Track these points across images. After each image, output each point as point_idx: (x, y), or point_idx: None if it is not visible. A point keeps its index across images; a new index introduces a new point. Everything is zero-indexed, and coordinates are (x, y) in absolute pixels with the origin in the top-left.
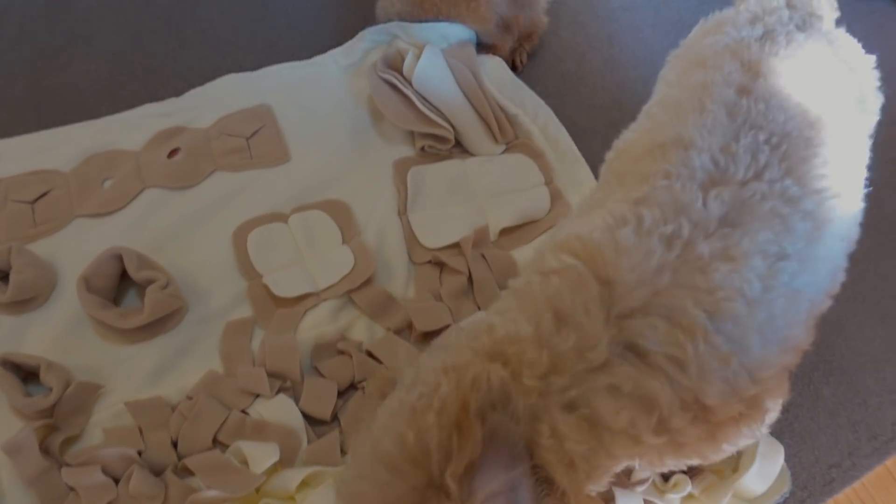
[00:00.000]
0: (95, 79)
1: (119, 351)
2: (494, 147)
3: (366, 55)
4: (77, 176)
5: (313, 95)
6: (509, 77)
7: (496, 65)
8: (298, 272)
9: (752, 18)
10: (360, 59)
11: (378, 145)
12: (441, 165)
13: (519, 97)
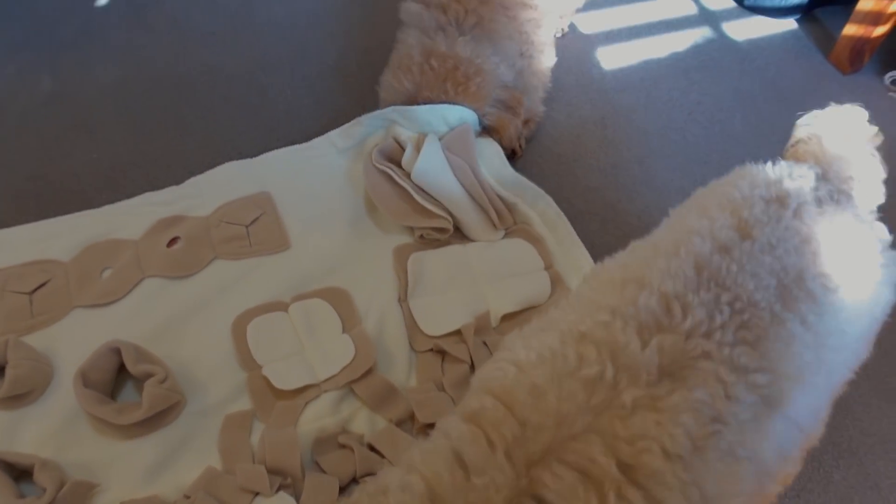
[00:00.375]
0: (97, 167)
1: (116, 447)
2: (494, 234)
3: (364, 140)
4: (76, 266)
5: (312, 182)
6: (508, 170)
7: (494, 155)
8: (298, 363)
9: (774, 179)
10: (358, 144)
11: (377, 231)
12: (441, 251)
13: (518, 187)
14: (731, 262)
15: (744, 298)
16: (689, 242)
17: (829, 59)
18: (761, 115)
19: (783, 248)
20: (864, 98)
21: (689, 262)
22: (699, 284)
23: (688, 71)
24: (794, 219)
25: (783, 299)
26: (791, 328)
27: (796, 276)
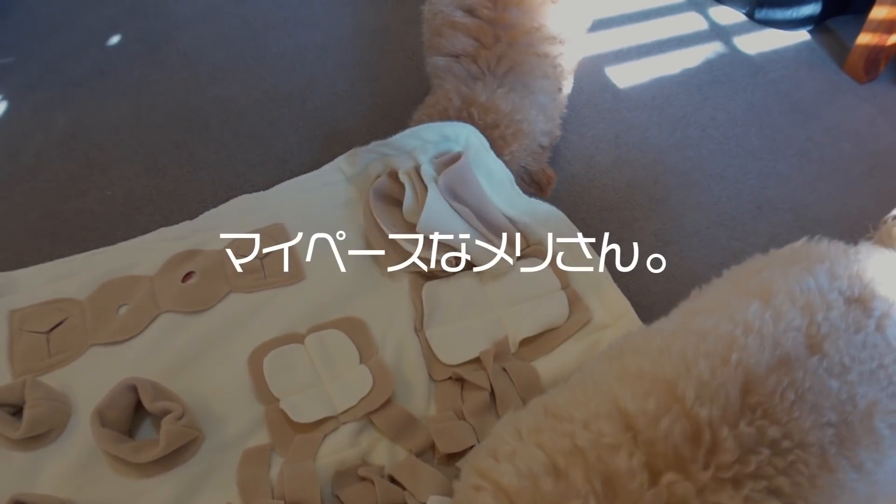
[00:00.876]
0: (111, 204)
1: (134, 485)
2: (507, 266)
3: (367, 166)
4: (92, 303)
5: (325, 211)
6: (519, 196)
7: (505, 180)
8: (316, 395)
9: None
10: (363, 170)
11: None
12: (455, 279)
13: (529, 207)
14: (789, 387)
15: (794, 437)
16: (743, 346)
17: (844, 70)
18: (777, 128)
19: (857, 373)
20: (881, 107)
21: (738, 379)
22: (742, 412)
23: (701, 87)
24: (876, 332)
25: (842, 440)
26: (843, 477)
27: (865, 413)
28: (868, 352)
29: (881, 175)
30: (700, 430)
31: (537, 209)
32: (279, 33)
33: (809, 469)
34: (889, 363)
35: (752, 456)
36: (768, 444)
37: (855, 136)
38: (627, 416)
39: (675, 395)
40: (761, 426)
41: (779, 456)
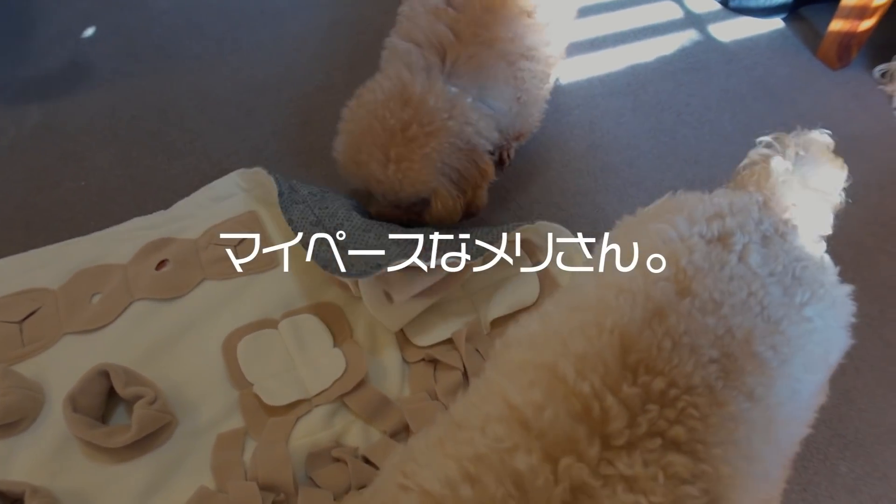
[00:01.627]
0: (85, 195)
1: (107, 471)
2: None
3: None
4: (65, 293)
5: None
6: None
7: None
8: (289, 379)
9: (715, 213)
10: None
11: None
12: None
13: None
14: (665, 336)
15: (680, 384)
16: (615, 307)
17: (817, 56)
18: (750, 113)
19: (729, 305)
20: (853, 92)
21: (615, 343)
22: (623, 375)
23: (675, 73)
24: (739, 264)
25: (727, 373)
26: (735, 409)
27: (743, 340)
28: (736, 283)
29: (854, 158)
30: (587, 405)
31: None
32: (255, 24)
33: (700, 410)
34: (757, 289)
35: (642, 416)
36: (656, 398)
37: (828, 120)
38: (517, 411)
39: (558, 377)
40: (645, 382)
41: (669, 407)
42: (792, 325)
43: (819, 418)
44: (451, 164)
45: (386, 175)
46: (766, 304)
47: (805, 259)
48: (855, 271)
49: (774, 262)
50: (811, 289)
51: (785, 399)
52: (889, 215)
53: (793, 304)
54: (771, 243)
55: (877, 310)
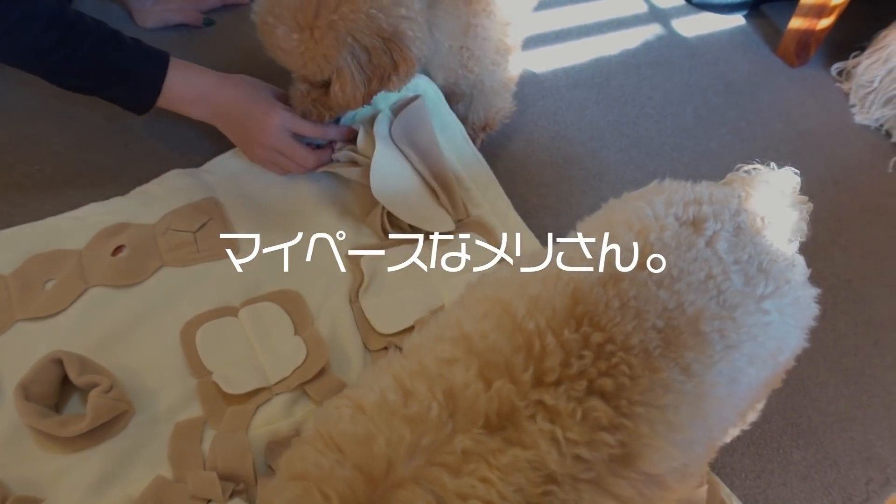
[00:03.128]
0: (39, 179)
1: (61, 461)
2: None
3: None
4: (18, 278)
5: (261, 184)
6: (469, 148)
7: (457, 132)
8: (249, 367)
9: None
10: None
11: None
12: (394, 252)
13: (475, 170)
14: (615, 297)
15: (617, 341)
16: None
17: (776, 53)
18: (711, 107)
19: (685, 282)
20: (811, 89)
21: (567, 293)
22: (567, 321)
23: (639, 67)
24: (706, 248)
25: (667, 343)
26: (668, 377)
27: (692, 318)
28: (698, 264)
29: (810, 154)
30: (530, 340)
31: (480, 174)
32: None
33: (632, 370)
34: (717, 273)
35: (575, 359)
36: (593, 348)
37: (786, 116)
38: (467, 336)
39: (509, 313)
40: (585, 332)
41: (602, 359)
42: (747, 314)
43: (773, 407)
44: (363, 43)
45: (290, 45)
46: (724, 288)
47: (775, 254)
48: (809, 264)
49: (741, 251)
50: (776, 283)
51: (722, 382)
52: (843, 210)
53: (753, 294)
54: (742, 234)
55: (829, 301)
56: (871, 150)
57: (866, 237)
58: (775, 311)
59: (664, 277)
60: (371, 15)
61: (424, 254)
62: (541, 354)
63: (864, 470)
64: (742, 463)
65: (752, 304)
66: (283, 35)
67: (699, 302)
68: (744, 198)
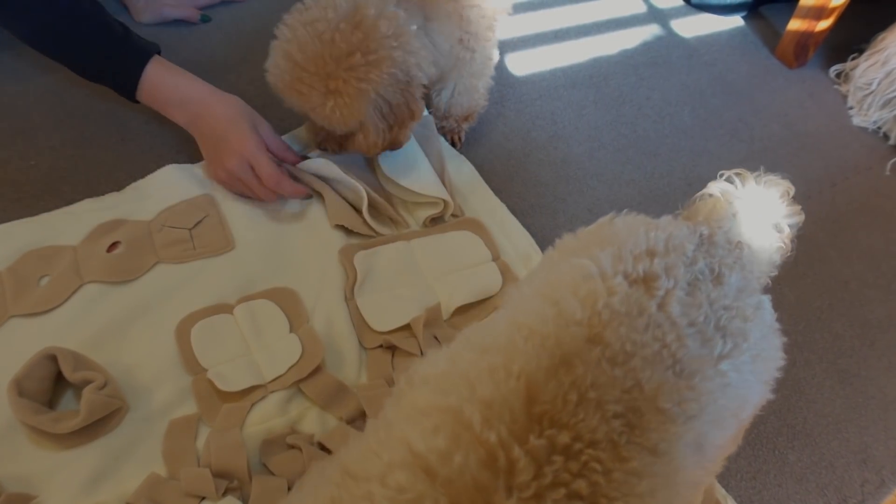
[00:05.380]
0: (34, 174)
1: (54, 457)
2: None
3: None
4: (12, 274)
5: None
6: (452, 151)
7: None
8: (244, 364)
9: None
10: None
11: (324, 230)
12: (387, 248)
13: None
14: (571, 389)
15: (584, 438)
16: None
17: (775, 55)
18: (709, 108)
19: (640, 357)
20: (809, 91)
21: (521, 390)
22: (530, 425)
23: (637, 67)
24: (658, 312)
25: (631, 428)
26: (638, 464)
27: (651, 395)
28: (651, 333)
29: (808, 155)
30: (494, 454)
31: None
32: (216, 4)
33: (603, 465)
34: (671, 341)
35: (547, 467)
36: (560, 450)
37: (784, 118)
38: (421, 458)
39: (463, 424)
40: (550, 435)
41: (572, 460)
42: (705, 380)
43: (769, 409)
44: (385, 98)
45: (324, 109)
46: (679, 356)
47: (735, 308)
48: (807, 265)
49: (697, 311)
50: (734, 341)
51: (689, 453)
52: (840, 211)
53: (710, 356)
54: (698, 290)
55: (826, 303)
56: (868, 152)
57: (863, 239)
58: (733, 370)
59: (617, 354)
60: (392, 74)
61: (418, 251)
62: (509, 469)
63: (859, 471)
64: (737, 464)
65: (709, 367)
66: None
67: (656, 376)
68: (707, 236)
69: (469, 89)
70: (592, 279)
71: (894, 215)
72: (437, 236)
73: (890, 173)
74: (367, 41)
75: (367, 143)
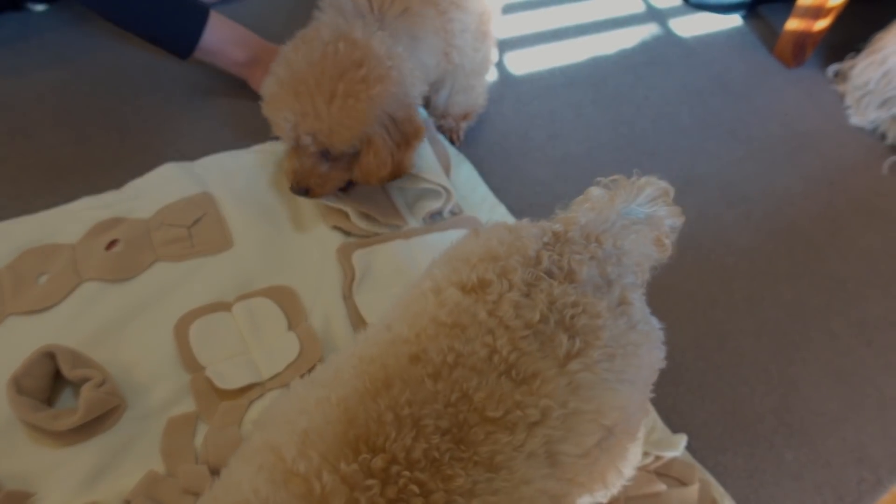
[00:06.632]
0: (33, 172)
1: (53, 455)
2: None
3: None
4: (11, 272)
5: (255, 181)
6: (452, 150)
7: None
8: (243, 362)
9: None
10: None
11: (321, 228)
12: (385, 247)
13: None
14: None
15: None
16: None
17: (773, 54)
18: (707, 108)
19: (466, 367)
20: (807, 90)
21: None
22: (343, 452)
23: (635, 67)
24: (489, 318)
25: (458, 442)
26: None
27: (479, 405)
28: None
29: (805, 155)
30: (307, 485)
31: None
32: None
33: (423, 486)
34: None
35: (360, 493)
36: (377, 474)
37: (782, 117)
38: (244, 500)
39: (280, 458)
40: (364, 460)
41: (389, 484)
42: (547, 382)
43: (766, 407)
44: (391, 114)
45: (329, 111)
46: (512, 360)
47: (583, 304)
48: (804, 265)
49: (533, 311)
50: (584, 339)
51: (537, 464)
52: (838, 211)
53: (554, 356)
54: (537, 289)
55: (824, 302)
56: (866, 152)
57: (861, 238)
58: (584, 370)
59: (440, 368)
60: (394, 92)
61: (417, 250)
62: (322, 499)
63: (856, 470)
64: (735, 462)
65: (552, 369)
66: (322, 103)
67: (486, 384)
68: (560, 232)
69: (466, 88)
70: (424, 296)
71: (892, 215)
72: (436, 234)
73: (887, 172)
74: (366, 58)
75: (377, 161)
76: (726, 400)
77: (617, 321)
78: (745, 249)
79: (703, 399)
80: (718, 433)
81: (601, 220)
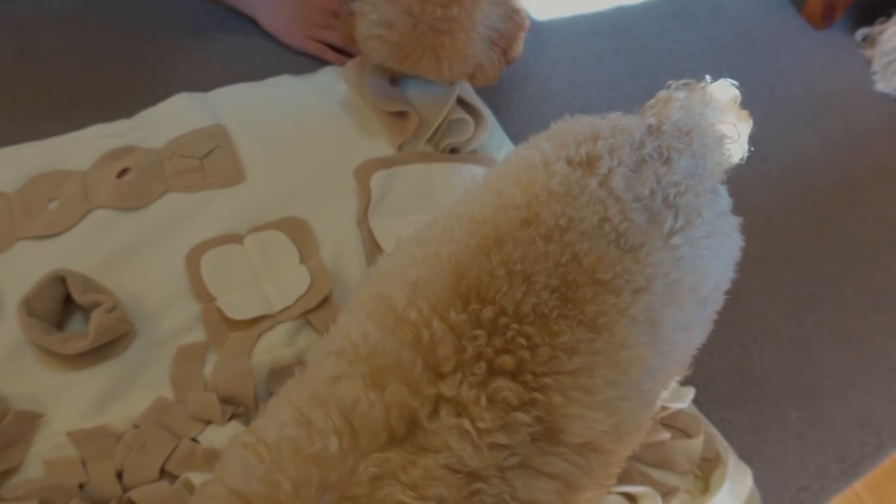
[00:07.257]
0: (45, 98)
1: (62, 378)
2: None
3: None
4: (21, 197)
5: (269, 113)
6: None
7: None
8: (253, 294)
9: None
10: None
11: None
12: (406, 170)
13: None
14: (498, 264)
15: (509, 311)
16: (456, 241)
17: (801, 14)
18: (731, 64)
19: (577, 231)
20: (833, 53)
21: (448, 271)
22: (453, 302)
23: (661, 18)
24: (600, 188)
25: (565, 301)
26: (571, 338)
27: (589, 268)
28: (591, 208)
29: (828, 118)
30: (416, 331)
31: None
32: None
33: (530, 340)
34: (614, 215)
35: (468, 342)
36: (485, 325)
37: (806, 78)
38: (353, 344)
39: (391, 306)
40: (474, 310)
41: (497, 335)
42: (653, 252)
43: (774, 366)
44: (492, 26)
45: (441, 74)
46: (622, 230)
47: (685, 185)
48: (821, 228)
49: (642, 186)
50: (686, 217)
51: (638, 329)
52: (857, 176)
53: (659, 231)
54: (645, 167)
55: (838, 266)
56: (889, 118)
57: (879, 205)
58: (686, 244)
59: (552, 230)
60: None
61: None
62: (430, 345)
63: (859, 433)
64: (740, 418)
65: (657, 240)
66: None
67: (596, 249)
68: (655, 125)
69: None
70: (534, 167)
71: None
72: (457, 165)
73: None
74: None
75: (486, 78)
76: (735, 357)
77: (712, 204)
78: (762, 209)
79: (711, 355)
80: (725, 389)
81: (689, 118)
